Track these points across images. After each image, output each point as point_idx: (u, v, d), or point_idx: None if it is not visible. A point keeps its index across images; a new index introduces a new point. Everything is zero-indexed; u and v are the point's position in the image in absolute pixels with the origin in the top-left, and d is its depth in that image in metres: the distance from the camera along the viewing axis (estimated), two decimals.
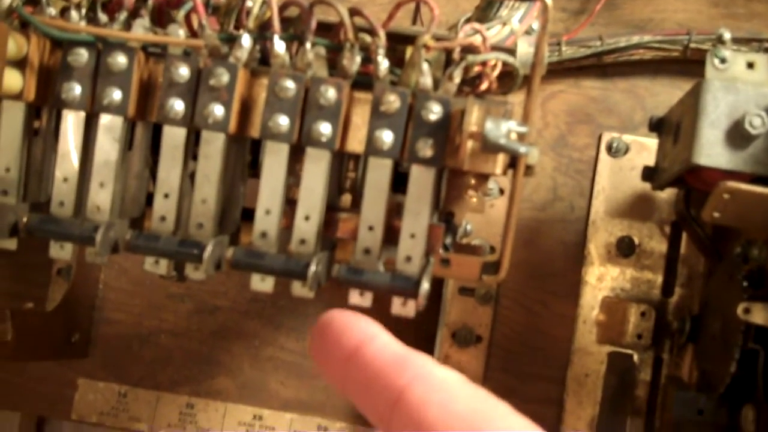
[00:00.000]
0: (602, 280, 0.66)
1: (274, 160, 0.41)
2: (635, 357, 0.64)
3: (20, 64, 0.41)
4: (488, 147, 0.38)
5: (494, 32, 0.50)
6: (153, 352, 0.70)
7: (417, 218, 0.41)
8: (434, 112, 0.40)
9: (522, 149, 0.38)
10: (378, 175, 0.41)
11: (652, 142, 0.65)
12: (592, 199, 0.66)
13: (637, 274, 0.65)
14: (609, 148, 0.66)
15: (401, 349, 0.26)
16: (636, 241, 0.66)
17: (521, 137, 0.40)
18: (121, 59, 0.41)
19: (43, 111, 0.44)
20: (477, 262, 0.46)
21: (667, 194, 0.65)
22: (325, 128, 0.41)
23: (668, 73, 0.67)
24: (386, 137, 0.40)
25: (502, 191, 0.67)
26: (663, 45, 0.65)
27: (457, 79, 0.41)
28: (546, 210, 0.67)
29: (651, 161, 0.64)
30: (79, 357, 0.67)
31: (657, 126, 0.57)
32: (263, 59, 0.44)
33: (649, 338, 0.63)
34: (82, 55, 0.41)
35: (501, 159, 0.42)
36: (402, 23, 0.51)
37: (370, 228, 0.42)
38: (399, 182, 0.43)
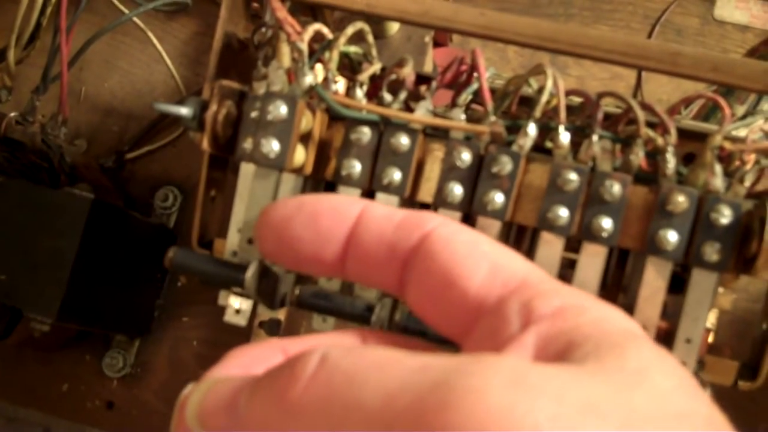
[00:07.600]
0: None
1: (548, 251, 0.41)
2: None
3: (304, 138, 0.42)
4: None
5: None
6: None
7: (695, 323, 0.40)
8: (725, 215, 0.39)
9: None
10: (657, 274, 0.40)
11: None
12: None
13: None
14: None
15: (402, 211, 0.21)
16: None
17: None
18: (404, 140, 0.41)
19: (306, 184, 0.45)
20: (733, 366, 0.45)
21: None
22: (606, 223, 0.40)
23: None
24: (671, 237, 0.39)
25: None
26: None
27: (748, 183, 0.39)
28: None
29: None
30: None
31: None
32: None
33: None
34: (366, 133, 0.41)
35: None
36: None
37: (644, 328, 0.40)
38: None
